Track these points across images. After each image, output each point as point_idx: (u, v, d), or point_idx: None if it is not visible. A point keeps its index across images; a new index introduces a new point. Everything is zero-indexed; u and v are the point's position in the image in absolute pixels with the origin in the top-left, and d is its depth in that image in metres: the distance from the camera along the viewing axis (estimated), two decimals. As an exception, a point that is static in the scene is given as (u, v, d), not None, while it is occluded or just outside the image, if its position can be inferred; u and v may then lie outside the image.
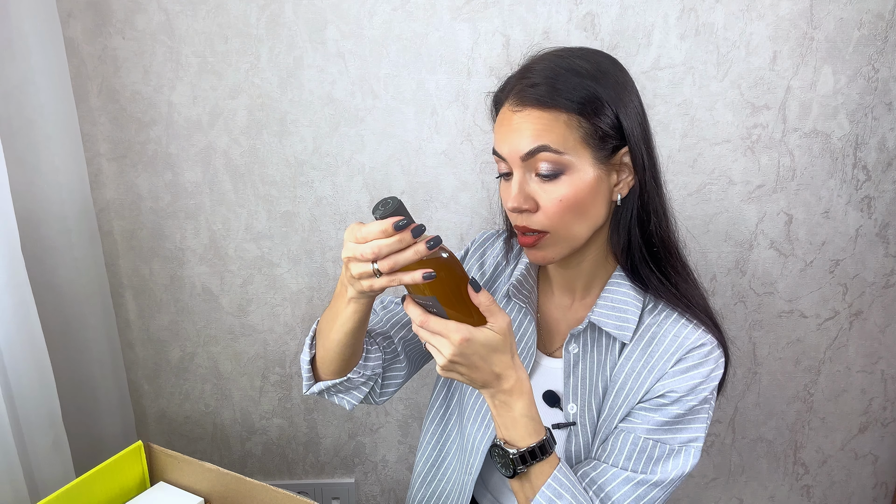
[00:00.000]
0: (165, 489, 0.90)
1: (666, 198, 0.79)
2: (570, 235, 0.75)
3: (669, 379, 0.75)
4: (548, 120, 0.71)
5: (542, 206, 0.73)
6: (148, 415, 1.34)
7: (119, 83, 1.11)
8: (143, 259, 1.22)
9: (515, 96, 0.74)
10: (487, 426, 0.84)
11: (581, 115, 0.71)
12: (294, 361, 1.30)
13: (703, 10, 1.07)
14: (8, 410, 0.90)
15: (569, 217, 0.73)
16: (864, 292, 1.26)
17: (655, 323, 0.78)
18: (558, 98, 0.71)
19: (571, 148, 0.71)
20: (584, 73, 0.72)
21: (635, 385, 0.77)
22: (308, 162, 1.16)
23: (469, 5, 1.07)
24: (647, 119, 0.77)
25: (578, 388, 0.80)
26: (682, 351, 0.75)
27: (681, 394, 0.75)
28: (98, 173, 1.16)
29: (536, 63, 0.74)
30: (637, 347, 0.78)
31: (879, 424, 1.36)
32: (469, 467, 0.87)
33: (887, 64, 1.11)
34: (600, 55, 0.75)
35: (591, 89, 0.71)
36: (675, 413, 0.75)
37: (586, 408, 0.80)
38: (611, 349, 0.79)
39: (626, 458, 0.75)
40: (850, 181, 1.18)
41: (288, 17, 1.08)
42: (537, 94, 0.71)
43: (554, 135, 0.71)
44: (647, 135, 0.75)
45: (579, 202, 0.73)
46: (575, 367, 0.80)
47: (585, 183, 0.72)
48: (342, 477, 1.41)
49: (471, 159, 1.16)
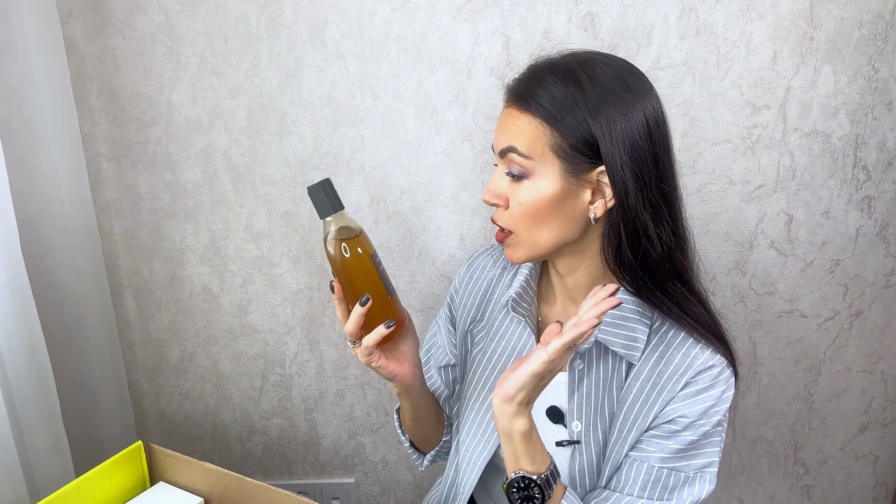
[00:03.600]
0: (165, 489, 0.90)
1: (679, 221, 0.75)
2: (532, 240, 0.74)
3: (680, 403, 0.73)
4: (522, 122, 0.71)
5: (509, 205, 0.74)
6: (148, 415, 1.34)
7: (119, 83, 1.11)
8: (142, 259, 1.22)
9: (510, 95, 0.75)
10: (487, 441, 0.83)
11: (551, 124, 0.70)
12: (294, 361, 1.31)
13: (703, 10, 1.07)
14: (8, 410, 0.90)
15: (528, 222, 0.73)
16: (864, 292, 1.26)
17: (663, 342, 0.76)
18: (532, 102, 0.70)
19: (539, 154, 0.71)
20: (572, 81, 0.69)
21: (644, 407, 0.75)
22: (308, 162, 1.16)
23: (469, 5, 1.07)
24: (659, 131, 0.72)
25: (583, 405, 0.78)
26: (692, 372, 0.73)
27: (693, 419, 0.73)
28: (98, 173, 1.16)
29: (542, 68, 0.73)
30: (645, 367, 0.76)
31: (879, 424, 1.36)
32: (462, 486, 0.86)
33: (887, 64, 1.11)
34: (608, 63, 0.72)
35: (569, 101, 0.69)
36: (689, 440, 0.73)
37: (591, 426, 0.78)
38: (618, 368, 0.77)
39: (641, 487, 0.74)
40: (850, 181, 1.18)
41: (288, 17, 1.08)
42: (521, 100, 0.72)
43: (523, 138, 0.71)
44: (643, 151, 0.70)
45: (537, 210, 0.72)
46: (580, 383, 0.78)
47: (546, 192, 0.71)
48: (342, 477, 1.41)
49: (471, 159, 1.16)
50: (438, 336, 0.96)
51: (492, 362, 0.86)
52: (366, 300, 0.71)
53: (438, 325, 0.97)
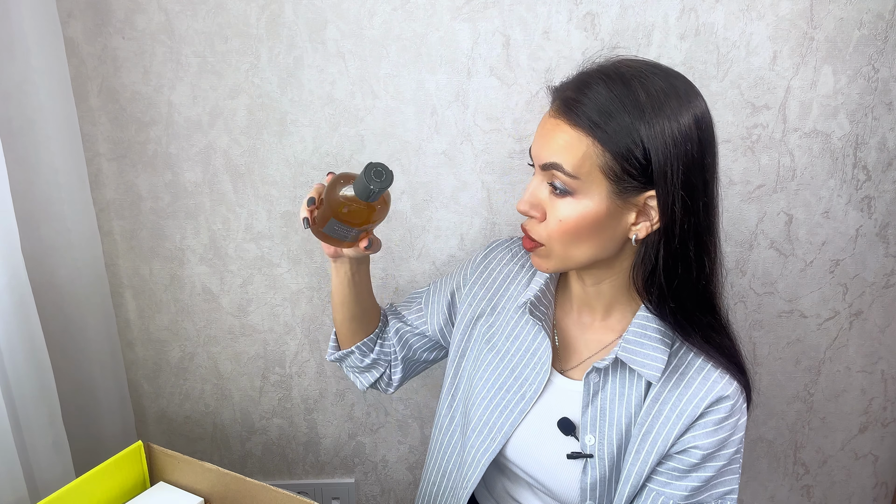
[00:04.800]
0: (165, 489, 0.90)
1: (712, 246, 0.74)
2: (566, 256, 0.73)
3: (698, 432, 0.73)
4: (572, 139, 0.69)
5: (547, 219, 0.72)
6: (148, 415, 1.34)
7: (119, 83, 1.11)
8: (143, 259, 1.22)
9: (558, 104, 0.71)
10: (493, 440, 0.83)
11: (606, 146, 0.67)
12: (294, 361, 1.31)
13: (703, 10, 1.07)
14: (8, 410, 0.90)
15: (566, 239, 0.71)
16: (864, 292, 1.26)
17: (683, 363, 0.75)
18: (590, 124, 0.68)
19: (586, 174, 0.69)
20: (634, 105, 0.67)
21: (664, 429, 0.74)
22: (308, 162, 1.16)
23: (469, 5, 1.07)
24: (709, 159, 0.70)
25: (598, 419, 0.77)
26: (711, 399, 0.73)
27: (710, 450, 0.73)
28: (98, 173, 1.16)
29: (595, 77, 0.70)
30: (665, 389, 0.75)
31: (879, 424, 1.36)
32: (465, 481, 0.85)
33: (887, 64, 1.11)
34: (670, 84, 0.69)
35: (629, 125, 0.67)
36: (708, 475, 0.74)
37: (605, 441, 0.77)
38: (636, 386, 0.77)
39: None
40: (850, 181, 1.18)
41: (288, 17, 1.08)
42: (573, 113, 0.69)
43: (572, 156, 0.68)
44: (694, 178, 0.68)
45: (579, 229, 0.70)
46: (594, 397, 0.78)
47: (590, 212, 0.70)
48: (342, 477, 1.41)
49: (471, 159, 1.16)
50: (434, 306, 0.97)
51: (504, 362, 0.85)
52: None
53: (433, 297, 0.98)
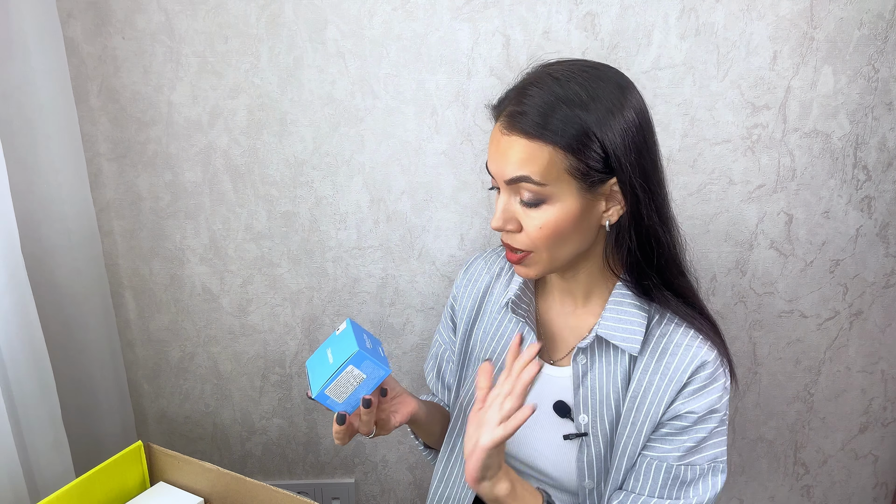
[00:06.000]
0: (165, 489, 0.90)
1: (670, 217, 0.78)
2: (552, 257, 0.76)
3: (688, 398, 0.76)
4: (532, 150, 0.71)
5: (524, 228, 0.74)
6: (148, 415, 1.34)
7: (119, 83, 1.11)
8: (143, 259, 1.22)
9: (506, 119, 0.73)
10: None
11: (567, 150, 0.70)
12: (294, 361, 1.31)
13: (703, 10, 1.07)
14: (8, 410, 0.90)
15: (551, 241, 0.74)
16: (864, 292, 1.26)
17: (665, 334, 0.78)
18: (544, 131, 0.70)
19: (554, 179, 0.71)
20: (577, 103, 0.70)
21: (656, 398, 0.77)
22: (308, 162, 1.16)
23: (469, 5, 1.07)
24: (651, 139, 0.75)
25: (589, 398, 0.80)
26: (695, 365, 0.76)
27: (701, 413, 0.76)
28: (98, 173, 1.16)
29: (533, 86, 0.73)
30: (652, 360, 0.78)
31: (879, 424, 1.36)
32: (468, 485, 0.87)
33: (887, 64, 1.11)
34: (601, 76, 0.73)
35: (580, 123, 0.70)
36: (700, 436, 0.76)
37: (598, 418, 0.80)
38: (620, 361, 0.80)
39: (661, 486, 0.77)
40: (850, 181, 1.18)
41: (288, 17, 1.08)
42: (524, 124, 0.71)
43: (537, 166, 0.70)
44: (645, 161, 0.73)
45: (561, 229, 0.73)
46: (584, 377, 0.80)
47: (567, 212, 0.72)
48: (342, 477, 1.41)
49: (471, 159, 1.16)
50: (444, 351, 1.00)
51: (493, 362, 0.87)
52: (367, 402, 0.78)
53: (440, 341, 1.01)
